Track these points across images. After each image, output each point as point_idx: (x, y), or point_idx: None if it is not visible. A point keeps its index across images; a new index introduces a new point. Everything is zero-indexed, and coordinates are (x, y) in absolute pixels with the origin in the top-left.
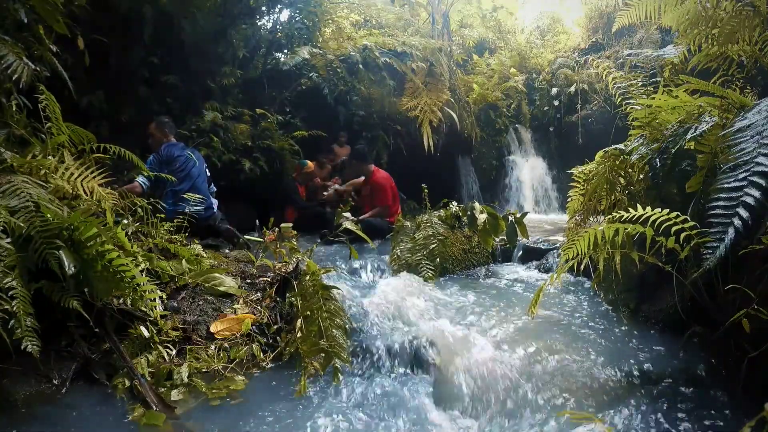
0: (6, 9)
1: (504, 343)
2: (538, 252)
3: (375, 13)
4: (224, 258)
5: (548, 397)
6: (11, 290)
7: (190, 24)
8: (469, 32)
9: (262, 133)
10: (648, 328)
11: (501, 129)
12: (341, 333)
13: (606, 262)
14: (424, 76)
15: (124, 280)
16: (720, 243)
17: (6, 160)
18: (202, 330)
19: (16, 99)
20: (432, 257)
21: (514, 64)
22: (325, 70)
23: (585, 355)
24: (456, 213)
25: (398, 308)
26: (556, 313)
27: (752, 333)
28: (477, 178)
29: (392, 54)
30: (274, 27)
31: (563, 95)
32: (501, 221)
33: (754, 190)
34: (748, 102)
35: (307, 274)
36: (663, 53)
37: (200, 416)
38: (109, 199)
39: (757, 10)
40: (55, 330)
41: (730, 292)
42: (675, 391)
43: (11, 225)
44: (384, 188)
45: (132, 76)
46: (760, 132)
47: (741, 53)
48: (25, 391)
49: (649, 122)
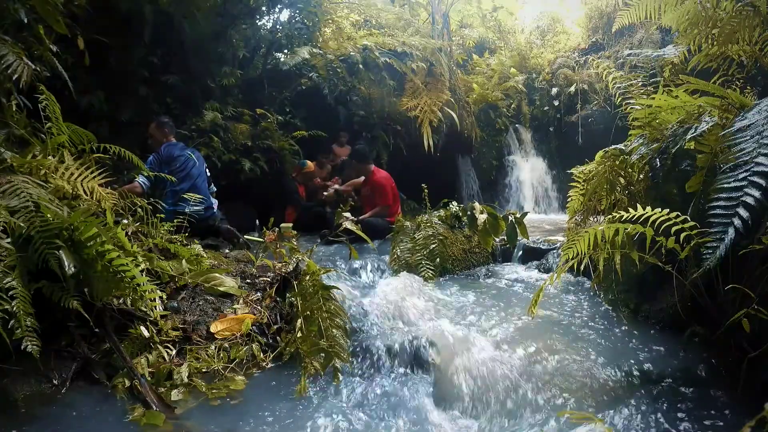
0: (6, 9)
1: (504, 343)
2: (538, 252)
3: (375, 13)
4: (224, 258)
5: (548, 397)
6: (11, 290)
7: (190, 24)
8: (469, 32)
9: (262, 133)
10: (648, 327)
11: (501, 129)
12: (341, 333)
13: (606, 262)
14: (424, 76)
15: (124, 280)
16: (720, 243)
17: (6, 160)
18: (202, 330)
19: (16, 99)
20: (432, 257)
21: (514, 64)
22: (325, 70)
23: (585, 355)
24: (456, 213)
25: (398, 308)
26: (556, 313)
27: (752, 333)
28: (477, 178)
29: (392, 54)
30: (274, 27)
31: (563, 95)
32: (501, 221)
33: (754, 190)
34: (748, 102)
35: (307, 274)
36: (663, 53)
37: (200, 416)
38: (109, 199)
39: (757, 10)
40: (55, 330)
41: (730, 292)
42: (675, 391)
43: (11, 225)
44: (384, 188)
45: (132, 76)
46: (760, 132)
47: (741, 53)
48: (25, 391)
49: (649, 122)
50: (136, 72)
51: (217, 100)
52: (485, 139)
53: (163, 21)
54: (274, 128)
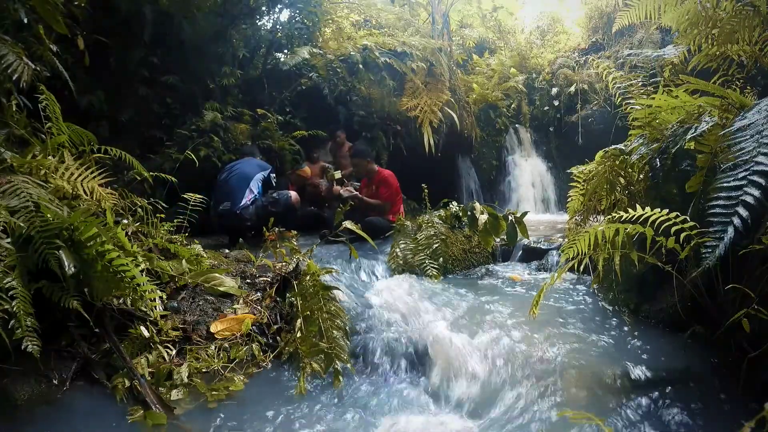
0: (6, 9)
1: (504, 343)
2: (538, 252)
3: (375, 13)
4: (224, 258)
5: (548, 397)
6: (11, 290)
7: (190, 24)
8: (469, 32)
9: (262, 133)
10: (648, 327)
11: (501, 129)
12: (341, 334)
13: (606, 262)
14: (424, 76)
15: (124, 280)
16: (719, 242)
17: (6, 160)
18: (202, 330)
19: (16, 99)
20: (435, 256)
21: (514, 64)
22: (325, 70)
23: (585, 355)
24: (456, 213)
25: (398, 308)
26: (556, 313)
27: (752, 333)
28: (477, 178)
29: (392, 54)
30: (274, 27)
31: (563, 95)
32: (501, 221)
33: (754, 189)
34: (748, 102)
35: (307, 274)
36: (663, 53)
37: (200, 416)
38: (109, 199)
39: (757, 10)
40: (55, 330)
41: (730, 292)
42: (675, 391)
43: (11, 225)
44: (390, 184)
45: (132, 76)
46: (759, 131)
47: (741, 53)
48: (25, 391)
49: (649, 122)
50: (136, 72)
51: (217, 100)
52: (485, 139)
53: (163, 21)
54: (274, 128)
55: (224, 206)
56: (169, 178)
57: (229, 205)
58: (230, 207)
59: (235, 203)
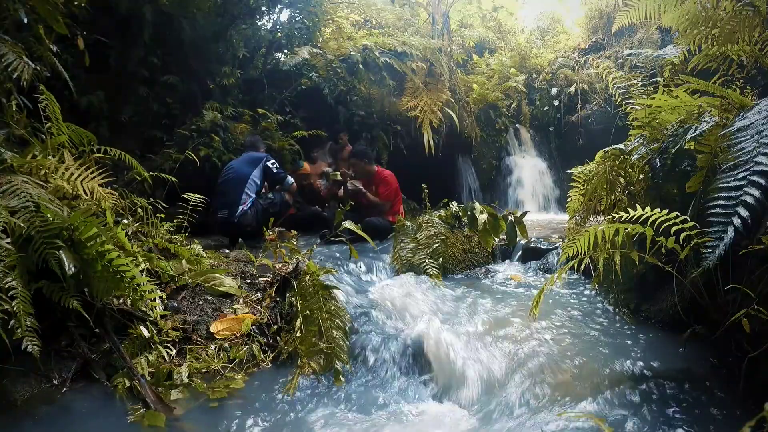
0: (6, 9)
1: (504, 343)
2: (538, 252)
3: (375, 13)
4: (224, 258)
5: (549, 396)
6: (11, 290)
7: (190, 24)
8: (469, 32)
9: (262, 133)
10: (648, 327)
11: (501, 129)
12: (341, 334)
13: (606, 261)
14: (424, 76)
15: (124, 280)
16: (719, 242)
17: (6, 160)
18: (202, 330)
19: (16, 99)
20: (435, 256)
21: (514, 64)
22: (325, 70)
23: (585, 355)
24: (456, 213)
25: (398, 308)
26: (556, 312)
27: (752, 333)
28: (477, 178)
29: (392, 54)
30: (274, 27)
31: (563, 95)
32: (501, 221)
33: (754, 189)
34: (748, 102)
35: (307, 274)
36: (663, 53)
37: (200, 416)
38: (109, 199)
39: (757, 10)
40: (55, 330)
41: (730, 291)
42: (675, 390)
43: (11, 225)
44: (390, 184)
45: (132, 76)
46: (759, 131)
47: (741, 53)
48: (25, 391)
49: (649, 122)
50: (136, 72)
51: (217, 100)
52: (485, 139)
53: (163, 21)
54: (274, 128)
55: (222, 214)
56: (169, 178)
57: (226, 214)
58: (227, 216)
59: (233, 212)
